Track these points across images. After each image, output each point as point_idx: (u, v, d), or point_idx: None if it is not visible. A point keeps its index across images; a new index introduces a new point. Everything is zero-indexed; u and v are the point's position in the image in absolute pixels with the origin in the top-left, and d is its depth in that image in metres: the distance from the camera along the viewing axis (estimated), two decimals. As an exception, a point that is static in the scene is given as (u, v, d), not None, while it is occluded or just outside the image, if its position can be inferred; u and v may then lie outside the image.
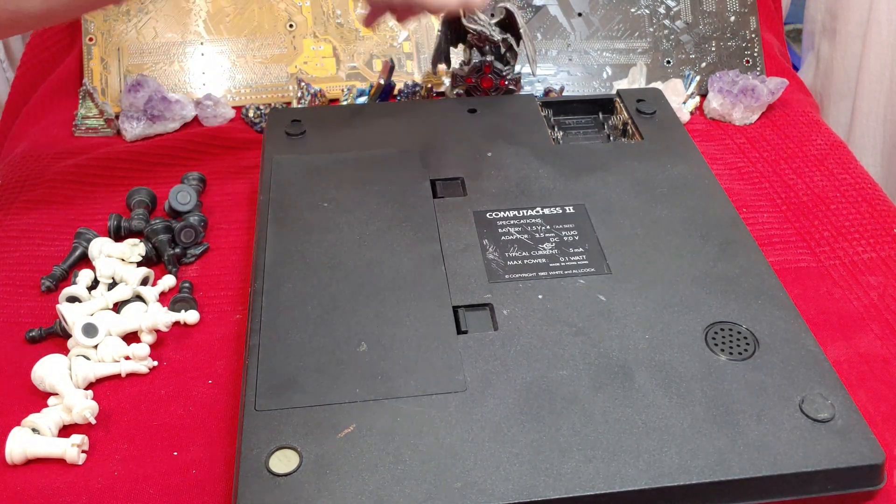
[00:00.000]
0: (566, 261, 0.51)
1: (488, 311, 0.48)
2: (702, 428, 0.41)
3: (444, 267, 0.51)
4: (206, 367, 0.52)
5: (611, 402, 0.43)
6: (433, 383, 0.44)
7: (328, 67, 0.80)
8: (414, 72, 0.81)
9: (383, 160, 0.60)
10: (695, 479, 0.39)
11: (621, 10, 0.82)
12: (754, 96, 0.76)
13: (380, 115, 0.66)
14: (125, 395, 0.50)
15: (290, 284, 0.49)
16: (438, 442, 0.41)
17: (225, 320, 0.55)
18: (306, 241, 0.53)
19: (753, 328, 0.47)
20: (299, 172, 0.59)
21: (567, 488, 0.39)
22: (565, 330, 0.47)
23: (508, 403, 0.43)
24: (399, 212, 0.55)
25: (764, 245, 0.61)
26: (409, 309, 0.48)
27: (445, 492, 0.39)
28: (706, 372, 0.44)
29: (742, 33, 0.82)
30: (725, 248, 0.52)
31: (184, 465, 0.46)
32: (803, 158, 0.73)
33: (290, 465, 0.40)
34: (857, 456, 0.41)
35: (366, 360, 0.45)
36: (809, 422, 0.42)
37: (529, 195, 0.57)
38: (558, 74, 0.80)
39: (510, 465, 0.40)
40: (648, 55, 0.81)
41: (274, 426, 0.41)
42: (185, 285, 0.57)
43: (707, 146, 0.74)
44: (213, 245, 0.62)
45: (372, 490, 0.39)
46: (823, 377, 0.44)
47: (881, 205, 0.67)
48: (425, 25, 0.82)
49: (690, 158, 0.60)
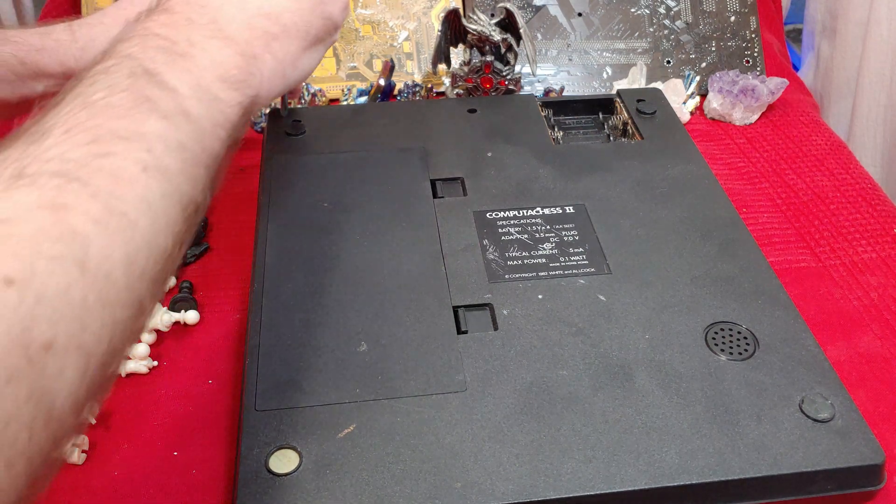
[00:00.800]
0: (566, 261, 0.51)
1: (488, 311, 0.48)
2: (702, 428, 0.41)
3: (444, 267, 0.51)
4: (206, 367, 0.52)
5: (611, 402, 0.43)
6: (433, 383, 0.44)
7: (328, 67, 0.80)
8: (414, 72, 0.81)
9: (383, 160, 0.60)
10: (695, 479, 0.39)
11: (621, 10, 0.82)
12: (754, 96, 0.76)
13: (380, 115, 0.66)
14: (125, 395, 0.50)
15: (290, 284, 0.49)
16: (438, 442, 0.41)
17: (225, 320, 0.55)
18: (306, 241, 0.53)
19: (753, 328, 0.47)
20: (299, 172, 0.59)
21: (567, 488, 0.39)
22: (565, 330, 0.47)
23: (508, 403, 0.43)
24: (399, 212, 0.55)
25: (764, 245, 0.61)
26: (409, 309, 0.48)
27: (445, 492, 0.39)
28: (706, 372, 0.44)
29: (742, 33, 0.82)
30: (725, 248, 0.52)
31: (184, 465, 0.46)
32: (803, 158, 0.73)
33: (290, 465, 0.40)
34: (857, 456, 0.41)
35: (366, 360, 0.45)
36: (809, 422, 0.42)
37: (529, 195, 0.57)
38: (558, 74, 0.80)
39: (510, 465, 0.40)
40: (648, 55, 0.81)
41: (274, 426, 0.41)
42: (185, 285, 0.57)
43: (707, 146, 0.74)
44: (213, 245, 0.62)
45: (372, 490, 0.39)
46: (823, 377, 0.44)
47: (881, 205, 0.67)
48: (425, 25, 0.82)
49: (691, 158, 0.60)
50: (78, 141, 0.29)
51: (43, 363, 0.24)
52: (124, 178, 0.30)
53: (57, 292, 0.25)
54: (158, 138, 0.32)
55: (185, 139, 0.33)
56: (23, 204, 0.26)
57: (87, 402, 0.27)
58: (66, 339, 0.25)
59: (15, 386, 0.23)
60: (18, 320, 0.24)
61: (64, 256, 0.26)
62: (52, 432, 0.25)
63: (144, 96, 0.33)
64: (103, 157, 0.29)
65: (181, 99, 0.34)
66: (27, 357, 0.24)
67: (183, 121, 0.34)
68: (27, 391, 0.24)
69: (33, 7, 1.16)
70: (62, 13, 0.89)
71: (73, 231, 0.27)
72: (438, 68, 0.78)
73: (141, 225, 0.29)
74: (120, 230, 0.28)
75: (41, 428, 0.24)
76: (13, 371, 0.23)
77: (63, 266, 0.26)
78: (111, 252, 0.28)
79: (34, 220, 0.26)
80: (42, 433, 0.25)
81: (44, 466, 0.25)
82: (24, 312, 0.24)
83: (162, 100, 0.33)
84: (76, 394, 0.26)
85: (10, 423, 0.23)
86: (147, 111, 0.32)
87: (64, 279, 0.26)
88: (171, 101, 0.34)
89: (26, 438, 0.24)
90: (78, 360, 0.26)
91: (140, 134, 0.31)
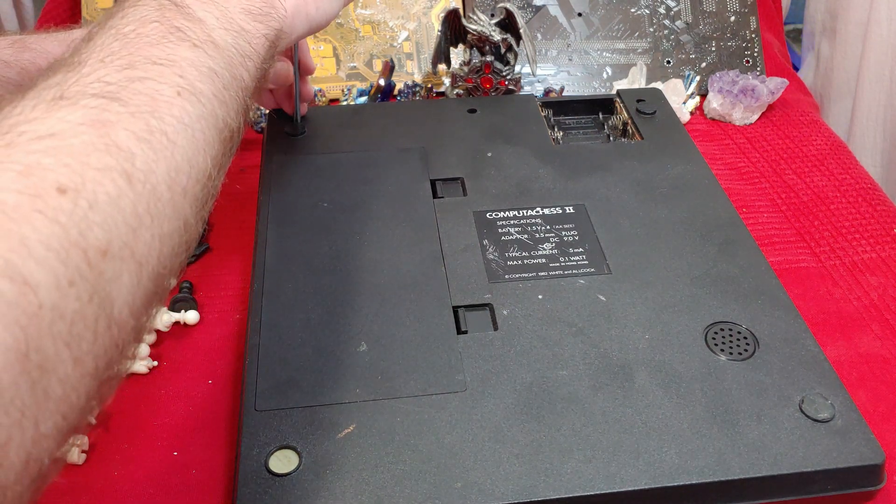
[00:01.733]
0: (566, 261, 0.51)
1: (488, 311, 0.48)
2: (701, 428, 0.41)
3: (444, 267, 0.51)
4: (206, 367, 0.52)
5: (611, 403, 0.43)
6: (433, 383, 0.44)
7: (328, 67, 0.80)
8: (414, 72, 0.81)
9: (383, 160, 0.60)
10: (695, 480, 0.39)
11: (621, 10, 0.82)
12: (754, 96, 0.76)
13: (380, 115, 0.66)
14: (125, 395, 0.50)
15: (290, 284, 0.49)
16: (438, 442, 0.41)
17: (225, 320, 0.55)
18: (306, 242, 0.53)
19: (753, 328, 0.47)
20: (299, 172, 0.59)
21: (567, 488, 0.39)
22: (565, 330, 0.47)
23: (508, 403, 0.43)
24: (399, 212, 0.55)
25: (764, 245, 0.61)
26: (409, 309, 0.48)
27: (445, 492, 0.39)
28: (706, 372, 0.44)
29: (742, 33, 0.82)
30: (725, 248, 0.52)
31: (184, 465, 0.46)
32: (803, 158, 0.73)
33: (289, 465, 0.40)
34: (856, 456, 0.41)
35: (366, 360, 0.45)
36: (809, 422, 0.42)
37: (529, 195, 0.57)
38: (558, 74, 0.80)
39: (510, 465, 0.40)
40: (648, 55, 0.81)
41: (274, 426, 0.41)
42: (185, 285, 0.57)
43: (707, 146, 0.74)
44: (213, 245, 0.62)
45: (372, 490, 0.39)
46: (823, 377, 0.44)
47: (881, 205, 0.67)
48: (425, 25, 0.82)
49: (690, 158, 0.60)
50: (115, 67, 0.31)
51: (101, 267, 0.26)
52: (161, 100, 0.31)
53: (108, 201, 0.27)
54: (190, 64, 0.34)
55: (215, 66, 0.35)
56: (68, 121, 0.28)
57: (144, 311, 0.29)
58: (120, 246, 0.27)
59: (78, 287, 0.25)
60: (74, 224, 0.25)
61: (111, 168, 0.28)
62: (113, 336, 0.27)
63: (174, 27, 0.35)
64: (140, 80, 0.31)
65: (209, 29, 0.36)
66: (87, 260, 0.25)
67: (212, 48, 0.36)
68: (89, 293, 0.25)
69: (33, 7, 1.16)
70: (62, 13, 0.89)
71: (118, 145, 0.28)
72: (438, 68, 0.78)
73: (180, 143, 0.31)
74: (161, 147, 0.30)
75: (104, 330, 0.26)
76: (75, 273, 0.25)
77: (111, 177, 0.27)
78: (155, 167, 0.29)
79: (81, 134, 0.28)
80: (105, 335, 0.26)
81: (108, 368, 0.27)
82: (78, 217, 0.26)
83: (190, 30, 0.35)
84: (133, 300, 0.28)
85: (76, 321, 0.25)
86: (177, 40, 0.34)
87: (114, 189, 0.27)
88: (199, 31, 0.36)
89: (91, 338, 0.26)
90: (132, 267, 0.28)
91: (172, 60, 0.33)
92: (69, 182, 0.26)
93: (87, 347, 0.25)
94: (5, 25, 1.14)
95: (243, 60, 0.38)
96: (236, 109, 0.36)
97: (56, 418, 0.24)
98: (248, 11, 0.40)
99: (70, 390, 0.25)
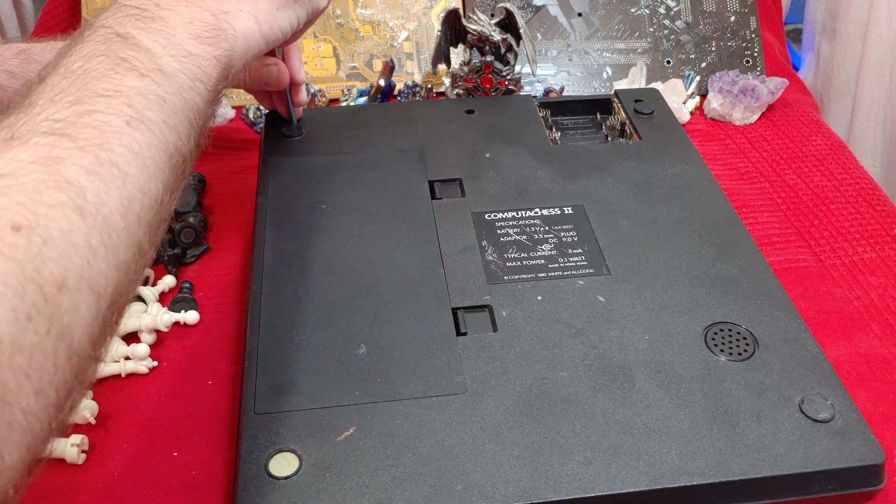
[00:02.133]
0: (565, 262, 0.51)
1: (487, 312, 0.48)
2: (701, 429, 0.41)
3: (442, 268, 0.51)
4: (206, 367, 0.52)
5: (610, 404, 0.43)
6: (433, 385, 0.44)
7: (328, 67, 0.80)
8: (414, 72, 0.81)
9: (382, 161, 0.60)
10: (695, 481, 0.39)
11: (621, 10, 0.82)
12: (754, 96, 0.76)
13: (377, 116, 0.66)
14: (125, 395, 0.50)
15: (289, 286, 0.49)
16: (438, 444, 0.41)
17: (225, 320, 0.55)
18: (305, 243, 0.52)
19: (753, 328, 0.47)
20: (297, 174, 0.59)
21: (567, 490, 0.39)
22: (565, 331, 0.47)
23: (508, 405, 0.43)
24: (398, 213, 0.55)
25: (764, 245, 0.61)
26: (408, 311, 0.48)
27: (445, 494, 0.39)
28: (706, 373, 0.44)
29: (742, 33, 0.82)
30: (724, 249, 0.52)
31: (184, 465, 0.46)
32: (803, 158, 0.72)
33: (289, 469, 0.40)
34: (857, 456, 0.41)
35: (365, 362, 0.45)
36: (809, 422, 0.42)
37: (528, 196, 0.56)
38: (558, 74, 0.80)
39: (510, 467, 0.40)
40: (648, 55, 0.81)
41: (273, 429, 0.41)
42: (185, 285, 0.57)
43: (707, 146, 0.74)
44: (212, 245, 0.62)
45: (372, 493, 0.39)
46: (823, 377, 0.44)
47: (881, 205, 0.67)
48: (425, 25, 0.82)
49: (689, 158, 0.60)
50: (64, 103, 0.32)
51: (57, 300, 0.27)
52: (110, 132, 0.32)
53: (62, 236, 0.28)
54: (138, 93, 0.34)
55: (163, 93, 0.36)
56: (19, 160, 0.29)
57: (102, 337, 0.30)
58: (76, 279, 0.28)
59: (35, 321, 0.26)
60: (29, 261, 0.26)
61: (63, 203, 0.28)
62: (73, 366, 0.28)
63: (120, 58, 0.35)
64: (88, 114, 0.32)
65: (156, 57, 0.37)
66: (42, 295, 0.26)
67: (160, 76, 0.36)
68: (46, 326, 0.26)
69: (33, 7, 1.16)
70: (62, 13, 0.89)
71: (69, 181, 0.29)
72: (438, 68, 0.78)
73: (131, 173, 0.32)
74: (111, 178, 0.31)
75: (64, 361, 0.27)
76: (32, 307, 0.26)
77: (63, 212, 0.28)
78: (106, 198, 0.30)
79: (32, 173, 0.28)
80: (65, 365, 0.27)
81: (68, 397, 0.28)
82: (33, 254, 0.27)
83: (137, 59, 0.36)
84: (91, 329, 0.29)
85: (36, 354, 0.26)
86: (124, 70, 0.35)
87: (66, 223, 0.28)
88: (146, 60, 0.36)
89: (52, 369, 0.26)
90: (90, 298, 0.28)
91: (119, 91, 0.34)
92: (23, 220, 0.27)
93: (49, 378, 0.26)
94: (5, 25, 1.14)
95: (193, 84, 0.38)
96: (188, 133, 0.37)
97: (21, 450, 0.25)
98: (195, 36, 0.40)
99: (34, 421, 0.26)
